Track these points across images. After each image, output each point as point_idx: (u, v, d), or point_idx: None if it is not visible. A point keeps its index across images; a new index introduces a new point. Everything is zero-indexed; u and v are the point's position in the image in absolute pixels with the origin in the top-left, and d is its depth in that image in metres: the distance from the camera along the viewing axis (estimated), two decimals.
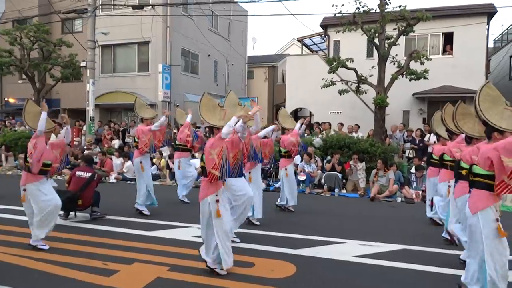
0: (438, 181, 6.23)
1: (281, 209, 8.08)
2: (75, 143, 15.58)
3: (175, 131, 14.15)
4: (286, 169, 7.87)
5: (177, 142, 8.88)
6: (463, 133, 4.90)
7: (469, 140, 4.76)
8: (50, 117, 5.67)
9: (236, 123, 4.35)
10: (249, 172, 6.49)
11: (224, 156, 4.32)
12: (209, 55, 22.04)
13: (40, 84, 17.31)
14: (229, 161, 4.43)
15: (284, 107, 8.16)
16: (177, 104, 19.70)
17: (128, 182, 11.92)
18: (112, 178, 12.16)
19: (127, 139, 15.03)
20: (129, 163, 12.53)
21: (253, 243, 5.71)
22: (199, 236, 6.00)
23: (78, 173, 7.19)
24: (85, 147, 13.87)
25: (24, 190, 5.23)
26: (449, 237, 5.75)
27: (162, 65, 18.18)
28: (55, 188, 5.68)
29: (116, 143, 14.74)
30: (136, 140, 7.59)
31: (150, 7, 17.05)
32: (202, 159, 4.53)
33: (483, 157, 3.60)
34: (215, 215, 4.33)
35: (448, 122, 5.35)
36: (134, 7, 16.38)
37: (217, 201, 4.35)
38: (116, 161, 12.66)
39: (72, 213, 7.18)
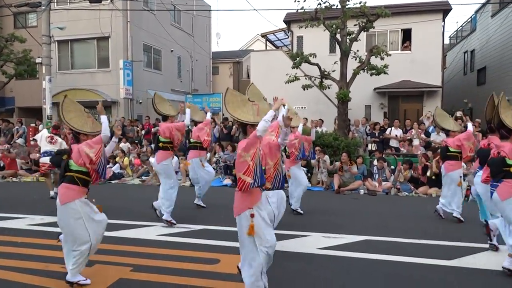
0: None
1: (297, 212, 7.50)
2: (32, 142, 14.90)
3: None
4: (288, 170, 7.14)
5: (191, 140, 7.89)
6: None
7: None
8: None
9: (273, 118, 3.62)
10: (287, 170, 6.71)
11: (258, 159, 3.57)
12: (172, 51, 21.66)
13: None
14: (262, 167, 3.69)
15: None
16: (140, 101, 19.29)
17: None
18: None
19: None
20: None
21: (219, 239, 5.68)
22: (164, 235, 5.95)
23: None
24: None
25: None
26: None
27: (123, 61, 17.67)
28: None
29: None
30: (163, 139, 6.60)
31: (108, 0, 16.49)
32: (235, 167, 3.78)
33: None
34: (247, 232, 3.56)
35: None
36: (91, 0, 15.76)
37: (252, 215, 3.57)
38: None
39: (30, 216, 6.86)
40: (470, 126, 6.77)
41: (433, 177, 9.67)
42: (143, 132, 14.45)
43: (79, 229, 4.01)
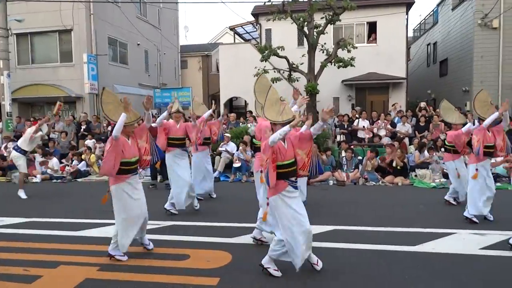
0: None
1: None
2: None
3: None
4: None
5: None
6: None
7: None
8: None
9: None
10: None
11: (313, 155, 4.24)
12: (138, 44, 21.15)
13: None
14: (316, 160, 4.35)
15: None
16: None
17: (54, 181, 11.18)
18: (37, 178, 11.25)
19: (52, 135, 14.02)
20: (54, 160, 11.73)
21: (189, 234, 5.64)
22: None
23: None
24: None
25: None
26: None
27: (87, 55, 17.10)
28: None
29: None
30: (170, 137, 6.87)
31: None
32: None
33: None
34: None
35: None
36: None
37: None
38: (39, 159, 11.75)
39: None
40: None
41: (399, 167, 9.95)
42: (109, 128, 14.07)
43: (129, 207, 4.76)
